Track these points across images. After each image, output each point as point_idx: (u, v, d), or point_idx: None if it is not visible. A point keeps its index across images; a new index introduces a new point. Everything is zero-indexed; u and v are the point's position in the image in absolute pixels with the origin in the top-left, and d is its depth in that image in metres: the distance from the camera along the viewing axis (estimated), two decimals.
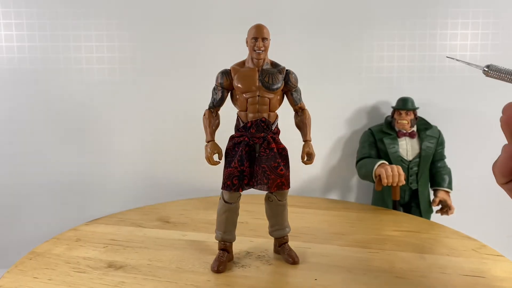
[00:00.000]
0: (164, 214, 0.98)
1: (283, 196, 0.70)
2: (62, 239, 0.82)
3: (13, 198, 1.25)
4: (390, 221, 0.92)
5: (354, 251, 0.75)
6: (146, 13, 1.19)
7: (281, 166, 0.66)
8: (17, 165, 1.24)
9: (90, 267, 0.68)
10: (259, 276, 0.65)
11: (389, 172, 0.96)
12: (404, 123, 1.11)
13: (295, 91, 0.68)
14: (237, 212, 0.70)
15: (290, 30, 1.20)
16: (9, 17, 1.17)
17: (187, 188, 1.27)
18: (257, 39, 0.63)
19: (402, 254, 0.73)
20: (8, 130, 1.22)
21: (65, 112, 1.23)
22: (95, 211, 1.24)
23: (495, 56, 1.22)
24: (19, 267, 0.69)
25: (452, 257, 0.72)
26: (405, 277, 0.65)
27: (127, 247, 0.77)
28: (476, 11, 1.20)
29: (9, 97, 1.21)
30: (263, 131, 0.66)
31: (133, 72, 1.22)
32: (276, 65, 0.68)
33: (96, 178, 1.26)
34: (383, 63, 1.23)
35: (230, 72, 0.66)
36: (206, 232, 0.85)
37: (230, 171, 0.66)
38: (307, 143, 0.69)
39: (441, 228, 0.88)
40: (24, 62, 1.20)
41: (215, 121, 0.69)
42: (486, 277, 0.64)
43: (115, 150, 1.25)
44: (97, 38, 1.20)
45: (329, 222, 0.92)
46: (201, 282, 0.63)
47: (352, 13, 1.21)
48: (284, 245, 0.72)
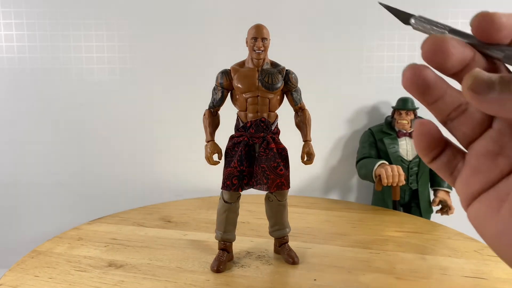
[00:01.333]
0: (166, 213, 0.99)
1: (283, 196, 0.70)
2: (64, 238, 0.82)
3: (14, 198, 1.26)
4: (392, 222, 0.92)
5: (355, 251, 0.75)
6: (146, 13, 1.19)
7: (280, 166, 0.66)
8: (18, 165, 1.24)
9: (91, 266, 0.69)
10: (258, 276, 0.65)
11: (389, 172, 0.96)
12: (404, 123, 1.11)
13: (295, 91, 0.68)
14: (237, 212, 0.70)
15: (290, 30, 1.20)
16: (9, 17, 1.17)
17: (188, 188, 1.27)
18: (257, 39, 0.63)
19: (403, 255, 0.73)
20: (8, 130, 1.23)
21: (66, 111, 1.23)
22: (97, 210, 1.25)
23: None
24: (20, 265, 0.69)
25: (454, 258, 0.72)
26: (405, 278, 0.64)
27: (128, 246, 0.77)
28: (477, 11, 1.20)
29: (9, 97, 1.21)
30: (263, 131, 0.66)
31: (133, 72, 1.22)
32: (276, 65, 0.68)
33: (96, 178, 1.26)
34: (383, 63, 1.23)
35: (230, 72, 0.66)
36: (207, 232, 0.85)
37: (230, 171, 0.66)
38: (307, 143, 0.69)
39: (443, 229, 0.88)
40: (24, 62, 1.20)
41: (215, 121, 0.69)
42: (487, 279, 0.64)
43: (116, 150, 1.25)
44: (97, 38, 1.20)
45: (329, 222, 0.92)
46: (201, 281, 0.63)
47: (352, 13, 1.21)
48: (284, 245, 0.72)
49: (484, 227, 0.19)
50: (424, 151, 0.20)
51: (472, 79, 0.17)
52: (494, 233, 0.18)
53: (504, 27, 0.17)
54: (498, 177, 0.19)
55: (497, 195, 0.18)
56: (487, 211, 0.19)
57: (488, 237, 0.19)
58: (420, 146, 0.20)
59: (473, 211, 0.19)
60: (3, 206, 1.26)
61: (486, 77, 0.16)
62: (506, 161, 0.18)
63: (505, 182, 0.18)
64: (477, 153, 0.19)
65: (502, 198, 0.18)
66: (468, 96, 0.17)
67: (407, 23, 0.22)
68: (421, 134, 0.20)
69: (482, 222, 0.19)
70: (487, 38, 0.18)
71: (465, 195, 0.20)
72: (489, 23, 0.18)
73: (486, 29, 0.18)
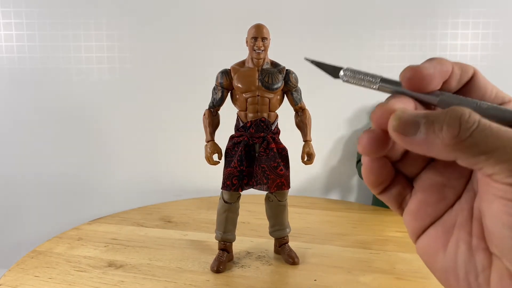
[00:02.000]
0: (166, 213, 0.98)
1: (283, 196, 0.70)
2: (64, 238, 0.82)
3: (14, 198, 1.26)
4: (392, 222, 0.92)
5: (355, 251, 0.75)
6: (146, 13, 1.19)
7: (280, 166, 0.66)
8: (18, 165, 1.24)
9: (91, 266, 0.69)
10: (258, 276, 0.65)
11: None
12: None
13: (295, 91, 0.68)
14: (237, 212, 0.70)
15: (290, 30, 1.20)
16: (9, 17, 1.17)
17: (188, 188, 1.27)
18: (257, 38, 0.63)
19: (403, 255, 0.73)
20: (8, 129, 1.22)
21: (66, 111, 1.23)
22: (98, 210, 1.24)
23: (496, 55, 1.21)
24: (20, 265, 0.69)
25: None
26: (406, 278, 0.64)
27: (127, 247, 0.77)
28: (477, 10, 1.20)
29: (8, 96, 1.21)
30: (263, 131, 0.66)
31: (133, 72, 1.22)
32: (276, 64, 0.68)
33: (97, 178, 1.26)
34: (383, 63, 1.23)
35: (230, 71, 0.66)
36: (207, 232, 0.85)
37: (230, 171, 0.66)
38: (307, 143, 0.69)
39: None
40: (23, 62, 1.20)
41: (215, 121, 0.69)
42: None
43: (116, 150, 1.25)
44: (97, 38, 1.20)
45: (330, 222, 0.92)
46: (200, 281, 0.63)
47: (352, 13, 1.20)
48: (284, 245, 0.72)
49: (432, 262, 0.19)
50: (373, 184, 0.20)
51: (397, 120, 0.16)
52: (442, 269, 0.18)
53: (433, 78, 0.17)
54: (445, 209, 0.18)
55: (443, 228, 0.18)
56: (434, 246, 0.18)
57: (437, 272, 0.18)
58: (370, 180, 0.19)
59: (421, 246, 0.19)
60: (4, 205, 1.26)
61: (411, 117, 0.16)
62: (452, 192, 0.18)
63: (450, 213, 0.18)
64: (423, 186, 0.19)
65: (448, 230, 0.18)
66: (395, 138, 0.16)
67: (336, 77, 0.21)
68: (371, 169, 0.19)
69: (430, 257, 0.19)
70: (419, 90, 0.18)
71: (413, 229, 0.19)
72: (419, 78, 0.17)
73: (417, 83, 0.18)
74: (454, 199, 0.18)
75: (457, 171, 0.18)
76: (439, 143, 0.15)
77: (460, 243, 0.17)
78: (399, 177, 0.20)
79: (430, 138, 0.15)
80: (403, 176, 0.20)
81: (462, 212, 0.18)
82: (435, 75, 0.17)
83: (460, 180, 0.18)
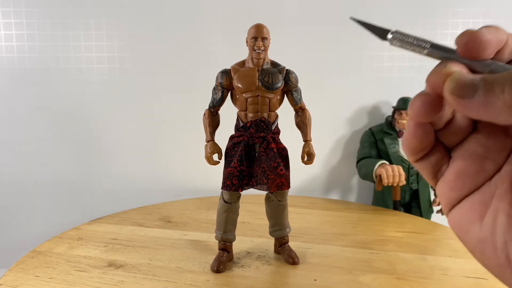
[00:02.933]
0: (166, 213, 0.98)
1: (283, 196, 0.70)
2: (64, 238, 0.82)
3: (14, 198, 1.25)
4: (392, 222, 0.92)
5: (355, 251, 0.75)
6: (146, 13, 1.19)
7: (280, 166, 0.66)
8: (17, 165, 1.24)
9: (91, 266, 0.69)
10: (258, 276, 0.65)
11: (390, 172, 0.96)
12: (404, 123, 1.11)
13: (295, 91, 0.68)
14: (237, 212, 0.70)
15: (291, 30, 1.20)
16: (9, 17, 1.17)
17: (188, 188, 1.27)
18: (257, 38, 0.63)
19: (403, 255, 0.73)
20: (8, 129, 1.22)
21: (65, 111, 1.23)
22: (98, 210, 1.24)
23: None
24: (20, 265, 0.69)
25: (454, 258, 0.72)
26: (406, 278, 0.64)
27: (127, 247, 0.77)
28: (477, 10, 1.20)
29: (8, 96, 1.21)
30: (263, 131, 0.66)
31: (133, 72, 1.22)
32: (276, 64, 0.68)
33: (97, 178, 1.26)
34: (383, 63, 1.23)
35: (230, 71, 0.66)
36: (207, 232, 0.85)
37: (230, 171, 0.66)
38: (307, 143, 0.69)
39: (444, 229, 0.88)
40: (23, 62, 1.20)
41: (215, 121, 0.69)
42: (488, 279, 0.64)
43: (116, 150, 1.25)
44: (97, 38, 1.20)
45: (330, 222, 0.92)
46: (200, 281, 0.63)
47: (352, 13, 1.20)
48: (285, 245, 0.72)
49: (466, 233, 0.18)
50: (415, 150, 0.19)
51: (454, 82, 0.16)
52: (477, 240, 0.18)
53: (490, 45, 0.17)
54: (483, 181, 0.18)
55: (481, 199, 0.18)
56: (470, 217, 0.18)
57: (471, 243, 0.18)
58: (413, 145, 0.19)
59: (455, 217, 0.19)
60: (3, 206, 1.26)
61: (469, 80, 0.16)
62: (492, 164, 0.18)
63: (489, 185, 0.18)
64: (463, 157, 0.19)
65: (486, 202, 0.18)
66: (451, 101, 0.16)
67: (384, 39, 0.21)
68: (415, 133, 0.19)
69: (464, 228, 0.18)
70: (473, 57, 0.17)
71: (448, 199, 0.19)
72: (476, 43, 0.17)
73: (473, 48, 0.17)
74: (493, 171, 0.18)
75: (499, 143, 0.18)
76: (500, 105, 0.15)
77: (499, 213, 0.17)
78: (438, 146, 0.20)
79: (490, 100, 0.15)
80: (442, 145, 0.20)
81: (502, 184, 0.18)
82: (491, 42, 0.17)
83: (502, 152, 0.18)
